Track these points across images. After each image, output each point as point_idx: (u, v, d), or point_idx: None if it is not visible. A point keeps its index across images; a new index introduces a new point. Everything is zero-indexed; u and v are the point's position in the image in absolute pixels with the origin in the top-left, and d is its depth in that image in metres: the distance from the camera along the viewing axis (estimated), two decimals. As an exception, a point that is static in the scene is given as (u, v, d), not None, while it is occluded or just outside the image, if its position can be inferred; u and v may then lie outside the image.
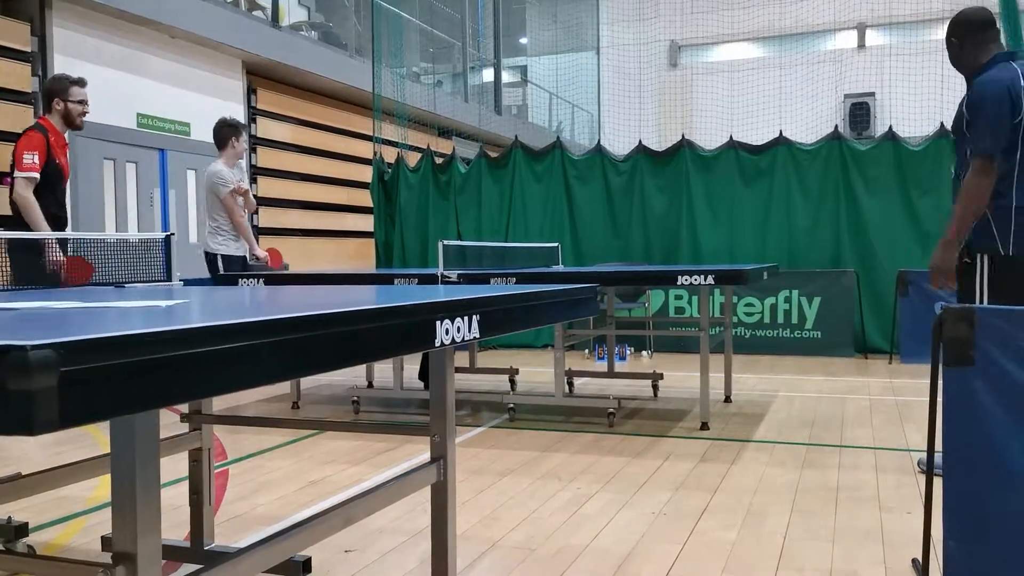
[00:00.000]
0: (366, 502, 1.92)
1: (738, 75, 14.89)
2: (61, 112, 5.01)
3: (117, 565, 1.29)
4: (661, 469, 4.04)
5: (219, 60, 9.64)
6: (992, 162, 3.49)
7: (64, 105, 4.99)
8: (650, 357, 8.35)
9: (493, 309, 1.79)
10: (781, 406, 5.66)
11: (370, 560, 2.86)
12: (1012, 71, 3.55)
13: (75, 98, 5.02)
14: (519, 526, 3.21)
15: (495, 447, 4.57)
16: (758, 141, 8.67)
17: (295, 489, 3.77)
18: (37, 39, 7.63)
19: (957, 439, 2.49)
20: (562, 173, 9.15)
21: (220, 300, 1.89)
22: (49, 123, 5.02)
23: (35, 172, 4.81)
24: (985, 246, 3.57)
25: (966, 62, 3.73)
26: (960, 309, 2.48)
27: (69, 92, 5.01)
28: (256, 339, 1.12)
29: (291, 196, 10.94)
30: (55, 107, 5.00)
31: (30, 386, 0.82)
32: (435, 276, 5.08)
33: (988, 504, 2.47)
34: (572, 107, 18.05)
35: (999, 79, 3.52)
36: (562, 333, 5.42)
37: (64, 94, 5.00)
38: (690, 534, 3.09)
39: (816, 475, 3.88)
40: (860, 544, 2.96)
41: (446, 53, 16.05)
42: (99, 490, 3.72)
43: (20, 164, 4.79)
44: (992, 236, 3.55)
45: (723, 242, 8.60)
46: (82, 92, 5.07)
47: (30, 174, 4.78)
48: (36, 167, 4.81)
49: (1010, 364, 2.45)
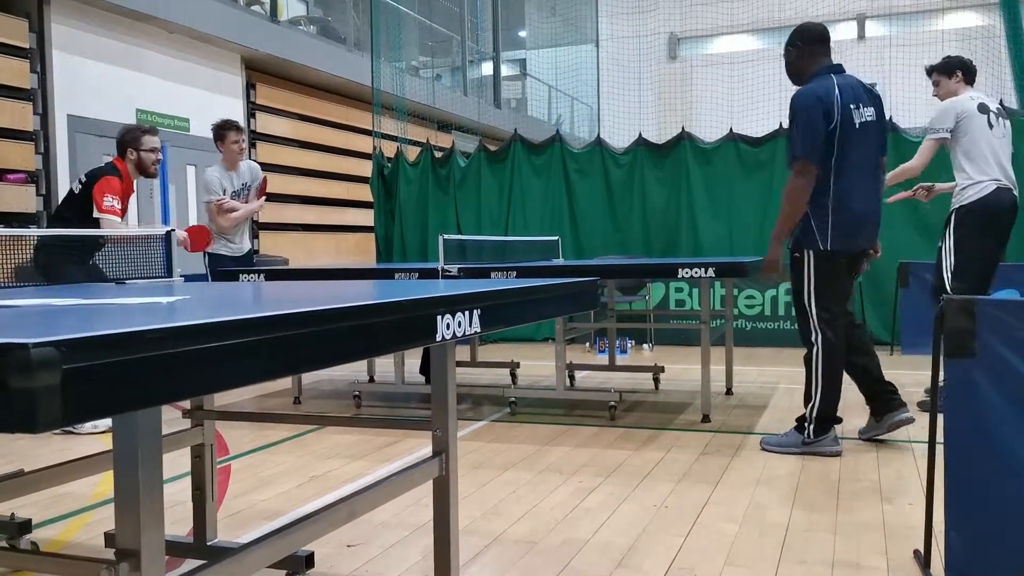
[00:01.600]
0: (368, 497, 1.93)
1: (738, 67, 14.85)
2: (135, 161, 5.13)
3: (121, 561, 1.29)
4: (663, 462, 4.04)
5: (218, 55, 9.62)
6: (808, 165, 3.85)
7: (137, 155, 5.11)
8: (651, 350, 8.35)
9: (494, 303, 1.79)
10: (782, 398, 5.66)
11: (373, 554, 2.86)
12: (830, 82, 3.93)
13: (147, 147, 5.13)
14: (521, 520, 3.21)
15: (497, 441, 4.58)
16: (758, 133, 8.65)
17: (297, 484, 3.78)
18: (35, 35, 7.62)
19: (958, 430, 2.50)
20: (562, 166, 9.13)
21: (220, 296, 1.89)
22: (124, 167, 5.12)
23: (117, 216, 4.94)
24: (808, 243, 3.97)
25: (798, 68, 4.12)
26: (961, 300, 2.48)
27: (141, 142, 5.11)
28: (257, 335, 1.12)
29: (291, 191, 10.93)
30: (128, 157, 5.11)
31: (32, 384, 0.82)
32: (435, 271, 5.08)
33: (990, 495, 2.47)
34: (571, 100, 18.01)
35: (814, 90, 3.91)
36: (563, 327, 5.41)
37: (136, 143, 5.10)
38: (692, 526, 3.09)
39: (817, 467, 3.89)
40: (862, 536, 2.96)
41: (445, 47, 16.01)
42: (102, 486, 3.72)
43: (100, 206, 4.90)
44: (813, 233, 3.94)
45: (723, 234, 8.59)
46: (154, 140, 5.18)
47: (111, 217, 4.91)
48: (118, 211, 4.95)
49: (1011, 355, 2.45)
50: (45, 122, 7.70)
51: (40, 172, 7.65)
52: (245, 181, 6.11)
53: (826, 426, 4.04)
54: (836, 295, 4.04)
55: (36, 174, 7.60)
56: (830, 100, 3.87)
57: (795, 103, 3.93)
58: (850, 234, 3.97)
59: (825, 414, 4.02)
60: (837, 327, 4.01)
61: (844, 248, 3.98)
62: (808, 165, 3.86)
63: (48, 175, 7.71)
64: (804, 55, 4.10)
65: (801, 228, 3.97)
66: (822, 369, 4.01)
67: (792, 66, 4.18)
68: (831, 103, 3.87)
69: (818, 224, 3.93)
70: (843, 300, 4.13)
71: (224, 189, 5.96)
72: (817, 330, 4.00)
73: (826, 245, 3.93)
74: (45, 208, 7.67)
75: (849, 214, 3.94)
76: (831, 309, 4.00)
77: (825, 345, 3.99)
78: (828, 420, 4.04)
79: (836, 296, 4.04)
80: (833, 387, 4.02)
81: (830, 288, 4.00)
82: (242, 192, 6.09)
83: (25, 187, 7.44)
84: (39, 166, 7.64)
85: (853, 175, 3.93)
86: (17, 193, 7.35)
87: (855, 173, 3.94)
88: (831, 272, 3.99)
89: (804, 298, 4.03)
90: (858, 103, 3.94)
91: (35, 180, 7.58)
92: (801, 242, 4.00)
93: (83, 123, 8.00)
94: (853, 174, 3.93)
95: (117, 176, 5.01)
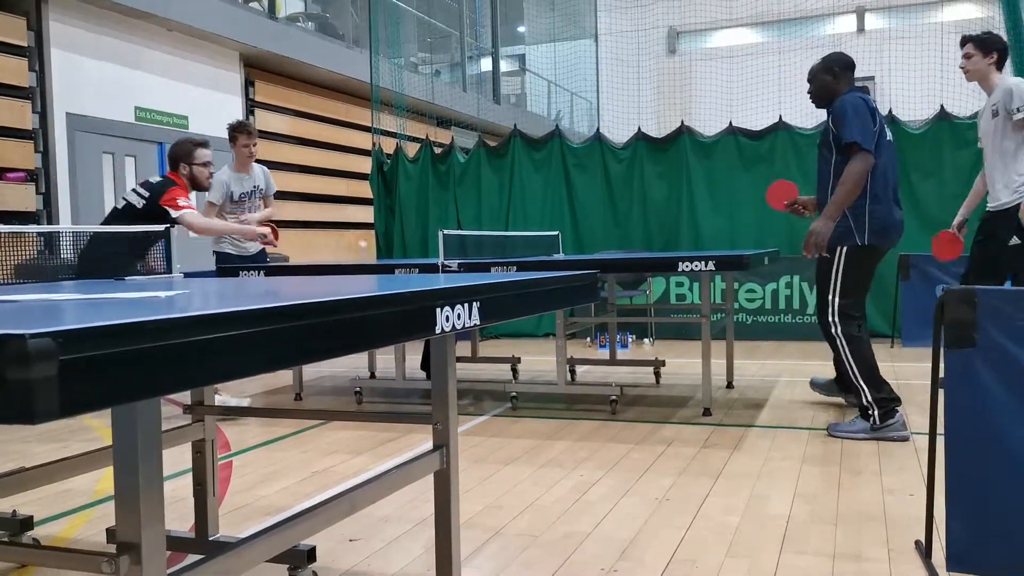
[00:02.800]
0: (370, 490, 1.93)
1: (737, 60, 14.83)
2: (188, 176, 5.07)
3: (121, 555, 1.29)
4: (664, 455, 4.04)
5: (216, 52, 9.61)
6: (868, 154, 4.06)
7: (190, 169, 5.04)
8: (652, 344, 8.35)
9: (493, 296, 1.78)
10: (783, 391, 5.66)
11: (375, 548, 2.87)
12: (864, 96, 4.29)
13: (200, 161, 5.06)
14: (522, 514, 3.22)
15: (498, 436, 4.58)
16: (757, 126, 8.64)
17: (299, 480, 3.78)
18: (33, 33, 7.61)
19: (959, 420, 2.50)
20: (561, 161, 9.12)
21: (220, 290, 1.89)
22: (179, 180, 5.04)
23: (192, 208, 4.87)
24: (844, 240, 4.21)
25: (831, 91, 4.37)
26: (961, 291, 2.48)
27: (194, 156, 5.05)
28: (256, 327, 1.12)
29: (290, 188, 10.92)
30: (181, 171, 5.05)
31: (29, 375, 0.82)
32: (435, 266, 5.07)
33: (990, 484, 2.47)
34: (571, 95, 17.99)
35: (858, 97, 4.23)
36: (563, 321, 5.41)
37: (189, 158, 5.04)
38: (693, 519, 3.09)
39: (818, 459, 3.89)
40: (863, 526, 2.96)
41: (444, 43, 15.99)
42: (103, 483, 3.73)
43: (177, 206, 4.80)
44: (851, 231, 4.19)
45: (723, 228, 8.58)
46: (207, 154, 5.11)
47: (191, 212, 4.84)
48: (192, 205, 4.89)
49: (1012, 344, 2.45)
50: (44, 121, 7.69)
51: (40, 171, 7.65)
52: (257, 184, 6.01)
53: (890, 409, 4.19)
54: (858, 291, 4.32)
55: (36, 173, 7.60)
56: (873, 108, 4.21)
57: (846, 102, 4.16)
58: (886, 233, 4.24)
59: (879, 395, 4.18)
60: (855, 316, 4.27)
61: (879, 244, 4.24)
62: (868, 154, 4.06)
63: (48, 174, 7.71)
64: (840, 80, 4.36)
65: (837, 228, 4.17)
66: (852, 357, 4.22)
67: (824, 89, 4.41)
68: (875, 111, 4.21)
69: (855, 222, 4.18)
70: (862, 295, 4.38)
71: (232, 193, 5.86)
72: (837, 323, 4.24)
73: (863, 240, 4.18)
74: (45, 207, 7.67)
75: (885, 215, 4.21)
76: (851, 300, 4.26)
77: (847, 332, 4.23)
78: (886, 400, 4.19)
79: (858, 291, 4.32)
80: (869, 368, 4.21)
81: (856, 284, 4.27)
82: (252, 195, 6.01)
83: (25, 186, 7.44)
84: (38, 165, 7.64)
85: (886, 182, 4.22)
86: (17, 192, 7.35)
87: (887, 181, 4.23)
88: (862, 267, 4.27)
89: (829, 294, 4.28)
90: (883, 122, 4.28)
91: (35, 179, 7.58)
92: (836, 241, 4.20)
93: (82, 121, 8.00)
94: (886, 181, 4.22)
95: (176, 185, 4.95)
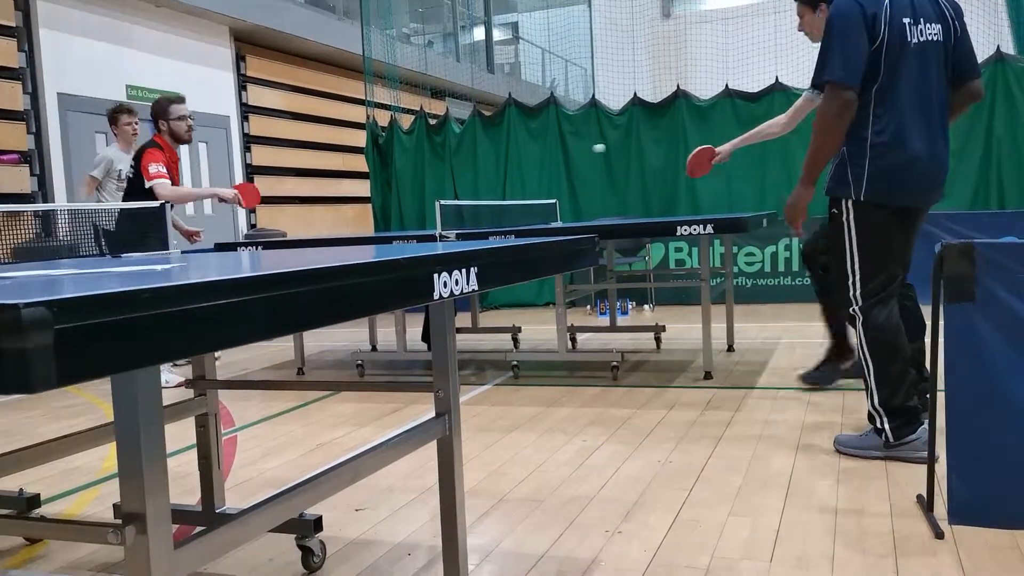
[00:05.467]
0: (373, 458, 1.93)
1: (732, 22, 14.68)
2: (167, 132, 5.32)
3: (127, 525, 1.30)
4: (666, 419, 4.06)
5: (206, 28, 9.52)
6: (840, 90, 3.02)
7: (168, 125, 5.29)
8: (652, 310, 8.36)
9: (491, 261, 1.78)
10: (783, 353, 5.67)
11: (381, 517, 2.89)
12: None
13: (175, 115, 5.29)
14: (526, 479, 3.24)
15: (500, 404, 4.60)
16: (754, 88, 8.57)
17: (303, 453, 3.80)
18: (20, 13, 7.53)
19: (959, 375, 2.50)
20: (557, 129, 9.07)
21: (216, 262, 1.89)
22: (163, 141, 5.33)
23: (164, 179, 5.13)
24: (842, 191, 3.17)
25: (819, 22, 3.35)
26: (960, 245, 2.47)
27: (169, 111, 5.29)
28: (253, 294, 1.12)
29: (285, 164, 10.88)
30: (161, 128, 5.30)
31: (24, 344, 0.81)
32: (433, 237, 5.06)
33: (991, 439, 2.48)
34: (565, 63, 17.84)
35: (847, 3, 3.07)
36: (563, 289, 5.41)
37: (165, 114, 5.28)
38: (696, 480, 3.11)
39: (820, 419, 3.90)
40: (865, 482, 2.98)
41: (436, 12, 15.83)
42: (110, 460, 3.75)
43: (148, 175, 5.10)
44: (847, 179, 3.14)
45: (721, 192, 8.55)
46: (182, 108, 5.34)
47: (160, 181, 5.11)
48: (164, 174, 5.14)
49: (1012, 298, 2.45)
50: (36, 101, 7.64)
51: (33, 152, 7.61)
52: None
53: (908, 422, 3.17)
54: (881, 260, 3.16)
55: (29, 154, 7.56)
56: (876, 11, 3.04)
57: (832, 14, 3.09)
58: (894, 183, 3.10)
59: (892, 404, 3.15)
60: (886, 303, 3.18)
61: (883, 200, 3.11)
62: (840, 90, 3.02)
63: (41, 155, 7.67)
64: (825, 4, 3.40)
65: (835, 174, 3.20)
66: (869, 352, 3.19)
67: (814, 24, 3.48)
68: (878, 14, 3.03)
69: (853, 167, 3.12)
70: (893, 266, 3.19)
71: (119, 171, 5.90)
72: (859, 313, 3.19)
73: (859, 194, 3.11)
74: (40, 188, 7.64)
75: (895, 156, 3.07)
76: (877, 278, 3.16)
77: (869, 324, 3.17)
78: (901, 411, 3.16)
79: (881, 262, 3.16)
80: (886, 370, 3.16)
81: (873, 253, 3.15)
82: None
83: (19, 167, 7.40)
84: (31, 146, 7.60)
85: (903, 108, 3.07)
86: (11, 173, 7.31)
87: (906, 106, 3.07)
88: (871, 230, 3.14)
89: (847, 264, 3.19)
90: (917, 17, 3.08)
91: (28, 160, 7.54)
92: (835, 190, 3.20)
93: (74, 101, 7.94)
94: (903, 107, 3.07)
95: (157, 147, 5.21)
